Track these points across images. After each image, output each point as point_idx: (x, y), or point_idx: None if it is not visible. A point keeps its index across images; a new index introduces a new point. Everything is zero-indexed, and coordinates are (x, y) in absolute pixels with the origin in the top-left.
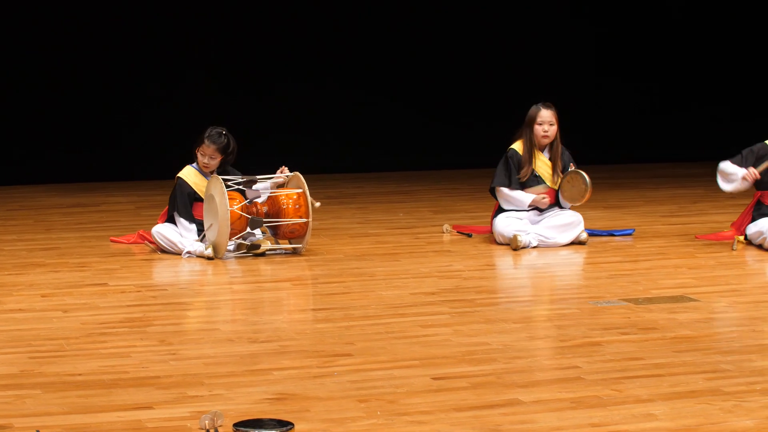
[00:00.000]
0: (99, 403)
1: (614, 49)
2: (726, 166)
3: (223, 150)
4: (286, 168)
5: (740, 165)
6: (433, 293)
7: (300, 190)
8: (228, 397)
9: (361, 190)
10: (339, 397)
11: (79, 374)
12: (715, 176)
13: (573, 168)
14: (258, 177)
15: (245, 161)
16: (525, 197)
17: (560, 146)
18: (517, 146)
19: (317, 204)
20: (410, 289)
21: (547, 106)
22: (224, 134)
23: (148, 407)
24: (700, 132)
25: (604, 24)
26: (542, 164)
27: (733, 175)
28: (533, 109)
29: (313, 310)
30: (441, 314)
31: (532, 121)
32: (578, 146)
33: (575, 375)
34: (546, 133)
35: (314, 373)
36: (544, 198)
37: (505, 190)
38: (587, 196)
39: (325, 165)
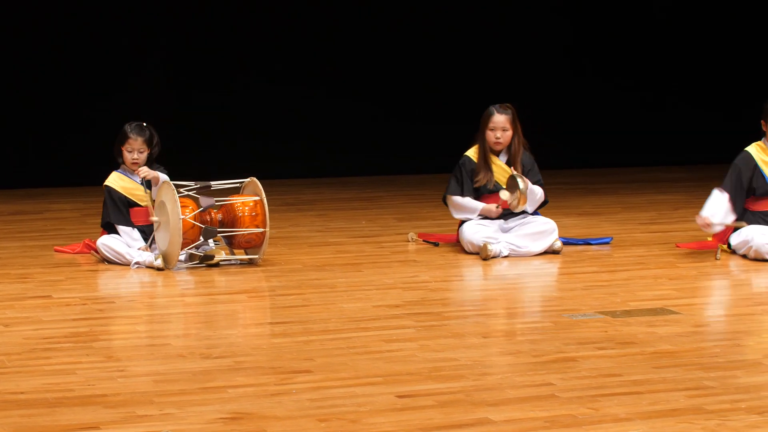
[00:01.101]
0: (42, 423)
1: (591, 47)
2: (711, 197)
3: (150, 141)
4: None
5: (725, 190)
6: (397, 306)
7: (257, 198)
8: (180, 416)
9: (321, 197)
10: (297, 416)
11: (22, 392)
12: (697, 181)
13: (513, 172)
14: (212, 182)
15: (200, 166)
16: (475, 205)
17: (520, 149)
18: (472, 152)
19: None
20: (373, 301)
21: (502, 110)
22: (146, 126)
23: (95, 427)
24: (682, 134)
25: (580, 21)
26: (499, 169)
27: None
28: (487, 111)
29: (270, 323)
30: (406, 328)
31: (485, 124)
32: (552, 149)
33: (549, 392)
34: (498, 140)
35: (271, 390)
36: (497, 208)
37: (455, 198)
38: (521, 203)
39: (283, 170)
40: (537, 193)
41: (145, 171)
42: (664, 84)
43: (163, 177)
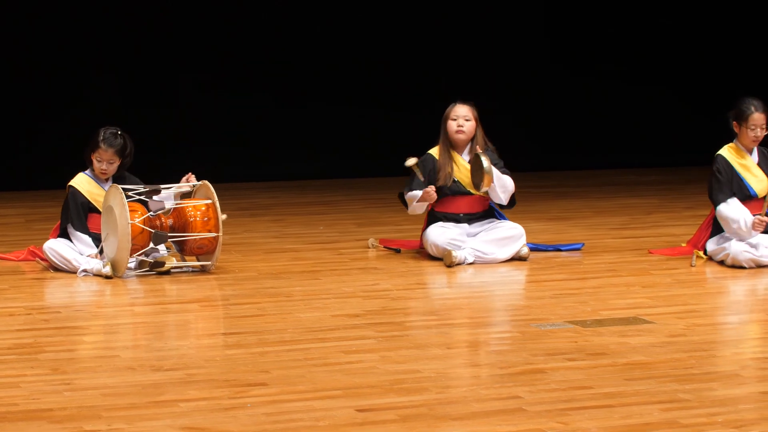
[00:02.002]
0: None
1: (560, 44)
2: (727, 211)
3: (121, 152)
4: (193, 176)
5: (728, 198)
6: (357, 315)
7: (209, 201)
8: (129, 431)
9: (276, 201)
10: (253, 431)
11: None
12: (671, 184)
13: (477, 151)
14: (162, 186)
15: (151, 171)
16: (416, 194)
17: (483, 146)
18: (435, 151)
19: (224, 216)
20: (332, 310)
21: (462, 101)
22: (120, 134)
23: None
24: (656, 136)
25: (550, 19)
26: (462, 169)
27: (736, 224)
28: (449, 106)
29: (224, 334)
30: (366, 339)
31: (446, 117)
32: (520, 150)
33: (516, 406)
34: (461, 128)
35: (225, 404)
36: (431, 188)
37: (408, 194)
38: (485, 183)
39: (237, 173)
40: (506, 180)
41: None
42: (637, 83)
43: (168, 206)
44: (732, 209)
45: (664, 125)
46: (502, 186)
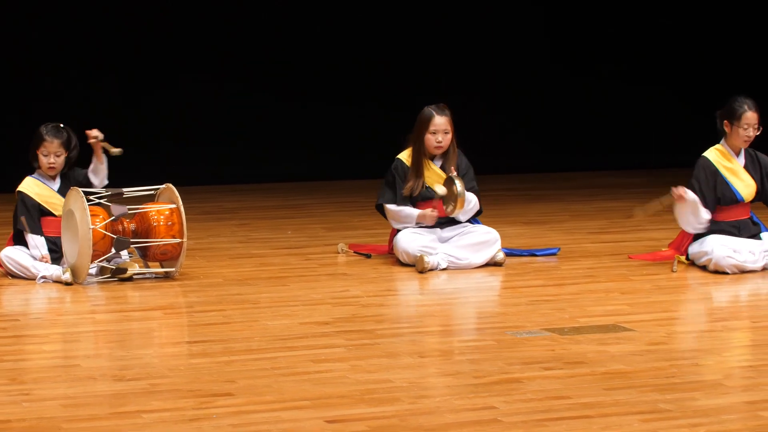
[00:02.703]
0: None
1: (538, 41)
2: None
3: (67, 144)
4: (98, 131)
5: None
6: (326, 323)
7: (173, 206)
8: None
9: (242, 204)
10: None
11: None
12: (652, 187)
13: (451, 173)
14: (125, 189)
15: (112, 172)
16: (411, 212)
17: (456, 152)
18: (405, 156)
19: (118, 150)
20: (300, 318)
21: (441, 111)
22: (63, 127)
23: None
24: (636, 136)
25: (532, 17)
26: (434, 174)
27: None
28: (425, 113)
29: (188, 343)
30: (335, 347)
31: (424, 127)
32: (495, 151)
33: (491, 417)
34: (440, 144)
35: (189, 415)
36: (432, 211)
37: (390, 207)
38: (458, 207)
39: (201, 175)
40: (471, 201)
41: (95, 135)
42: (617, 83)
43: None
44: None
45: (645, 127)
46: (465, 207)
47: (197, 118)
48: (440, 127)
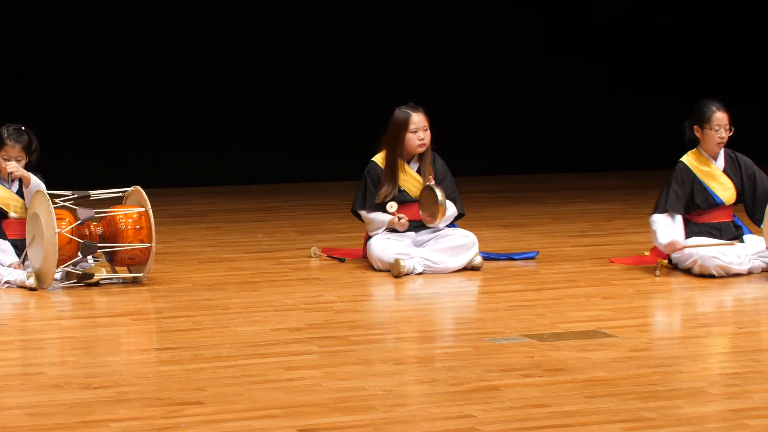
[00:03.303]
0: None
1: (515, 38)
2: (653, 223)
3: (28, 148)
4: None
5: (667, 211)
6: (298, 329)
7: (141, 209)
8: None
9: (213, 207)
10: None
11: None
12: (634, 188)
13: (430, 182)
14: (92, 192)
15: (78, 174)
16: (383, 218)
17: (431, 153)
18: (380, 158)
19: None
20: (271, 324)
21: (416, 109)
22: (24, 130)
23: None
24: (618, 137)
25: (506, 12)
26: (410, 178)
27: (656, 236)
28: (400, 113)
29: (157, 349)
30: (308, 354)
31: (403, 128)
32: (472, 152)
33: (468, 425)
34: (422, 141)
35: (158, 424)
36: (401, 219)
37: (363, 213)
38: (438, 216)
39: (170, 177)
40: (450, 208)
41: (14, 167)
42: (598, 82)
43: (37, 182)
44: (665, 226)
45: (627, 128)
46: (446, 219)
47: (166, 119)
48: (420, 125)
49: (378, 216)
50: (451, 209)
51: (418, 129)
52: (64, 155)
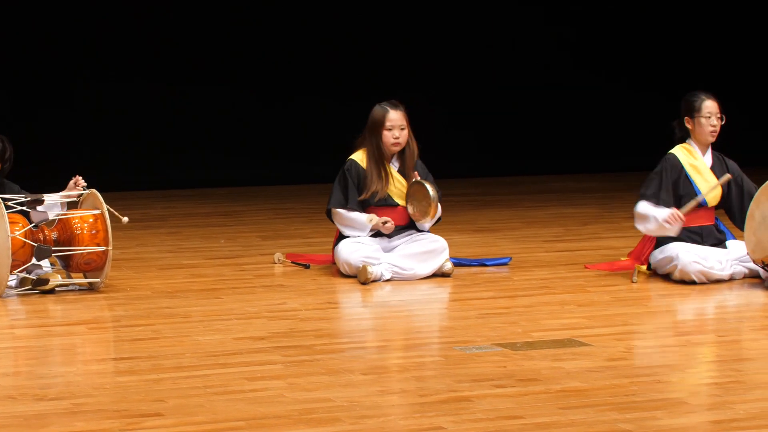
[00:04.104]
0: None
1: (486, 35)
2: (643, 208)
3: (1, 156)
4: (82, 179)
5: (657, 201)
6: (262, 338)
7: (97, 212)
8: None
9: (172, 211)
10: None
11: None
12: (610, 192)
13: (417, 178)
14: (45, 195)
15: (33, 177)
16: (363, 219)
17: (415, 153)
18: (359, 156)
19: (125, 219)
20: (234, 333)
21: (394, 106)
22: None
23: None
24: (594, 138)
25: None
26: (393, 180)
27: (650, 219)
28: (378, 110)
29: (114, 359)
30: (272, 364)
31: (379, 125)
32: (443, 154)
33: None
34: (397, 140)
35: None
36: (386, 222)
37: (340, 212)
38: (432, 211)
39: (128, 180)
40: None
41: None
42: (573, 82)
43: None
44: (649, 207)
45: (604, 129)
46: (435, 218)
47: (123, 118)
48: (396, 123)
49: (359, 216)
50: (440, 209)
51: (393, 127)
52: (18, 159)
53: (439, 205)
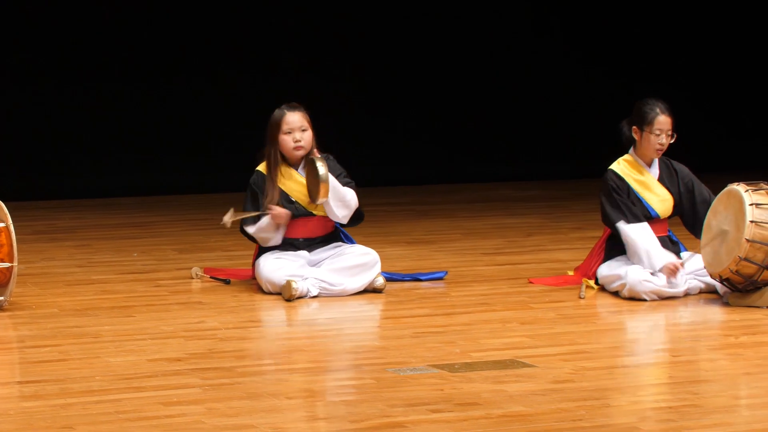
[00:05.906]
0: None
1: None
2: (631, 233)
3: None
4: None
5: (635, 220)
6: (178, 359)
7: (2, 225)
8: None
9: (81, 222)
10: None
11: None
12: (554, 200)
13: (315, 155)
14: None
15: None
16: (265, 222)
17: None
18: (263, 166)
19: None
20: (148, 354)
21: (292, 108)
22: None
23: None
24: (536, 143)
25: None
26: (296, 184)
27: (641, 259)
28: (275, 115)
29: (19, 383)
30: (190, 387)
31: (276, 129)
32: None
33: None
34: (299, 143)
35: None
36: (277, 213)
37: (250, 229)
38: (321, 192)
39: (32, 189)
40: (346, 193)
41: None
42: (510, 86)
43: None
44: (636, 232)
45: (547, 133)
46: (340, 200)
47: (25, 121)
48: (295, 125)
49: (262, 223)
50: (348, 195)
51: (292, 130)
52: None
53: (350, 193)
